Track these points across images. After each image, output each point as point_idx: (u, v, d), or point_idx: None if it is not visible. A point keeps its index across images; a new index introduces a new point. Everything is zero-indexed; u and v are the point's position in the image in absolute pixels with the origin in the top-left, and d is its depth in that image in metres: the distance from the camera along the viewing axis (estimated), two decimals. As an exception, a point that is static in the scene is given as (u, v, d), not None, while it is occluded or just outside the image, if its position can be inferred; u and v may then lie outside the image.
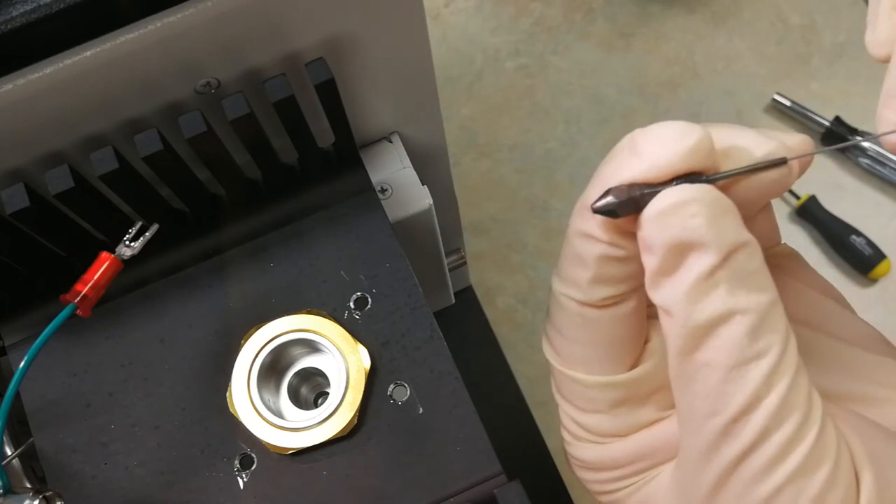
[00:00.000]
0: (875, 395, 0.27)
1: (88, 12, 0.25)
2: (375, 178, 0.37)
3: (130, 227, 0.30)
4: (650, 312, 0.28)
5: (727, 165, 0.24)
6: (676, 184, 0.22)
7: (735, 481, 0.23)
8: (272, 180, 0.35)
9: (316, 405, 0.33)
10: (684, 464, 0.25)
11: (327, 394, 0.32)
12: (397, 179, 0.37)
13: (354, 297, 0.33)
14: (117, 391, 0.32)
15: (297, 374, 0.32)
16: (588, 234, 0.24)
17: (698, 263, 0.22)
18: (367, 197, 0.35)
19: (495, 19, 0.80)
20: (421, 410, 0.31)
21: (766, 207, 0.30)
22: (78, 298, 0.28)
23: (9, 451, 0.33)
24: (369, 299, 0.32)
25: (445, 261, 0.47)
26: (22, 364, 0.28)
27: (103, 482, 0.31)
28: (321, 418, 0.30)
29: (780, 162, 0.24)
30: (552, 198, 0.73)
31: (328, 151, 0.36)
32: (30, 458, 0.34)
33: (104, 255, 0.29)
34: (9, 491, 0.28)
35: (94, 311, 0.29)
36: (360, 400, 0.30)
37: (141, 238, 0.30)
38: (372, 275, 0.33)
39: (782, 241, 0.31)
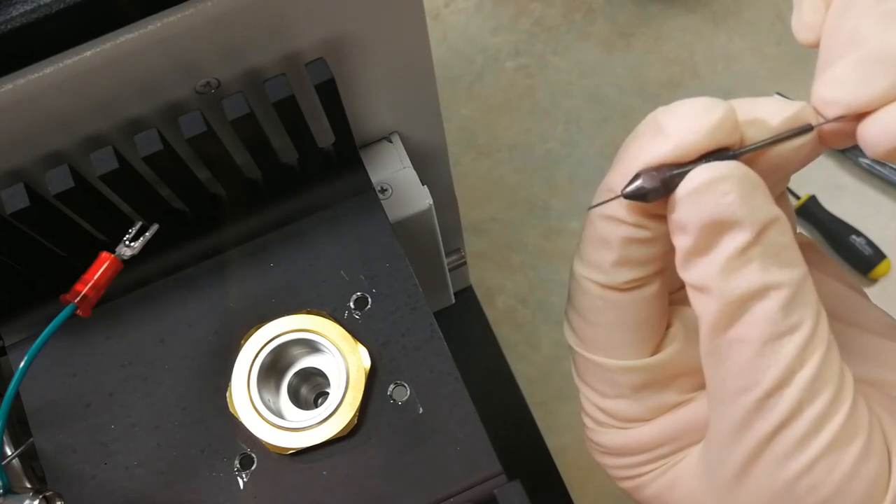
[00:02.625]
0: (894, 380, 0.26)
1: (88, 12, 0.25)
2: (375, 178, 0.37)
3: (130, 227, 0.30)
4: (673, 299, 0.28)
5: (752, 137, 0.23)
6: (704, 161, 0.22)
7: (767, 457, 0.22)
8: (272, 180, 0.35)
9: (316, 405, 0.33)
10: (713, 443, 0.24)
11: (327, 394, 0.32)
12: (397, 179, 0.37)
13: (354, 297, 0.33)
14: (117, 391, 0.32)
15: (297, 374, 0.32)
16: (613, 216, 0.24)
17: (733, 241, 0.22)
18: (367, 197, 0.35)
19: (495, 19, 0.80)
20: (421, 410, 0.31)
21: (783, 196, 0.29)
22: (78, 298, 0.28)
23: (9, 451, 0.33)
24: (369, 299, 0.32)
25: (445, 261, 0.47)
26: (22, 364, 0.28)
27: (103, 482, 0.31)
28: (321, 418, 0.30)
29: (807, 129, 0.23)
30: (552, 198, 0.73)
31: (328, 151, 0.36)
32: (30, 458, 0.34)
33: (104, 255, 0.29)
34: (9, 491, 0.28)
35: (94, 311, 0.29)
36: (360, 400, 0.30)
37: (141, 238, 0.30)
38: (372, 275, 0.33)
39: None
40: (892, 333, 0.29)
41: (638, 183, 0.22)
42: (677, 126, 0.22)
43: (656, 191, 0.22)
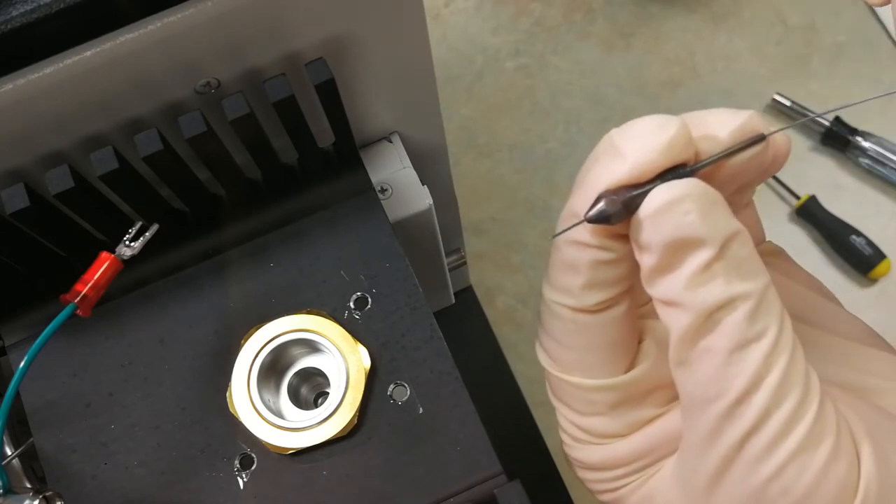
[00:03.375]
0: (866, 384, 0.27)
1: (88, 12, 0.25)
2: (375, 178, 0.37)
3: (130, 227, 0.30)
4: (642, 313, 0.28)
5: (707, 150, 0.24)
6: (662, 180, 0.22)
7: (739, 463, 0.23)
8: (272, 180, 0.35)
9: (316, 405, 0.33)
10: (686, 453, 0.25)
11: (327, 394, 0.32)
12: (397, 179, 0.37)
13: (354, 297, 0.33)
14: (117, 391, 0.32)
15: (297, 374, 0.32)
16: (578, 240, 0.24)
17: (696, 258, 0.22)
18: (367, 197, 0.35)
19: (495, 19, 0.80)
20: (421, 410, 0.31)
21: (750, 205, 0.30)
22: (78, 298, 0.28)
23: (9, 451, 0.33)
24: (369, 299, 0.32)
25: (445, 261, 0.47)
26: (22, 364, 0.28)
27: (103, 482, 0.31)
28: (321, 418, 0.30)
29: (759, 139, 0.24)
30: (552, 198, 0.73)
31: (328, 151, 0.36)
32: (30, 458, 0.34)
33: (104, 255, 0.29)
34: (9, 491, 0.28)
35: (94, 311, 0.29)
36: (360, 400, 0.30)
37: (141, 238, 0.30)
38: (372, 275, 0.33)
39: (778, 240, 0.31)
40: (864, 338, 0.29)
41: (600, 206, 0.23)
42: (632, 146, 0.23)
43: (618, 213, 0.23)
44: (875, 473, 0.23)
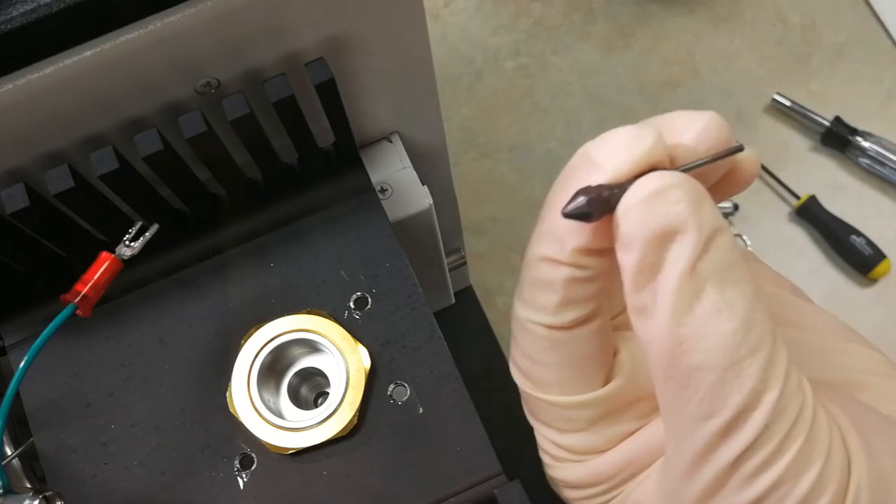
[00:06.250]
0: (847, 380, 0.27)
1: (88, 12, 0.25)
2: (375, 178, 0.37)
3: (130, 227, 0.30)
4: (616, 324, 0.28)
5: (680, 156, 0.23)
6: None
7: (734, 481, 0.22)
8: (272, 180, 0.35)
9: (316, 405, 0.33)
10: (672, 468, 0.24)
11: (327, 394, 0.32)
12: (397, 179, 0.37)
13: (354, 297, 0.33)
14: (117, 391, 0.32)
15: (297, 374, 0.32)
16: (553, 258, 0.23)
17: (681, 254, 0.21)
18: (367, 197, 0.35)
19: (495, 19, 0.80)
20: (421, 410, 0.31)
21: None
22: (78, 298, 0.28)
23: (9, 451, 0.33)
24: (369, 299, 0.32)
25: (445, 261, 0.47)
26: (22, 364, 0.28)
27: (103, 482, 0.31)
28: (321, 418, 0.30)
29: (738, 149, 0.24)
30: (552, 198, 0.73)
31: (328, 151, 0.36)
32: (30, 458, 0.34)
33: (104, 255, 0.29)
34: (9, 491, 0.28)
35: (94, 311, 0.29)
36: (360, 400, 0.30)
37: (141, 238, 0.30)
38: (372, 275, 0.33)
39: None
40: (838, 333, 0.29)
41: (579, 200, 0.22)
42: (610, 157, 0.22)
43: (599, 207, 0.22)
44: (865, 472, 0.22)
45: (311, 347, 0.32)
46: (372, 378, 0.31)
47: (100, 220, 0.31)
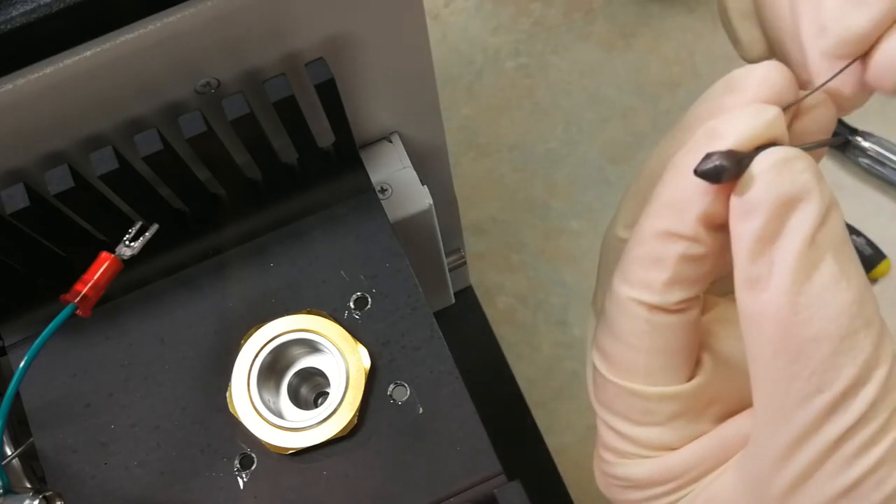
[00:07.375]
0: None
1: (88, 12, 0.25)
2: (375, 178, 0.37)
3: (130, 227, 0.30)
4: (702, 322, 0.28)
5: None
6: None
7: (835, 460, 0.22)
8: (272, 180, 0.35)
9: (316, 405, 0.33)
10: (762, 458, 0.24)
11: (327, 394, 0.32)
12: (397, 179, 0.37)
13: (354, 297, 0.33)
14: (117, 391, 0.32)
15: (297, 374, 0.32)
16: (669, 230, 0.24)
17: (805, 221, 0.21)
18: (367, 197, 0.35)
19: (495, 19, 0.80)
20: (421, 410, 0.31)
21: None
22: (78, 298, 0.28)
23: (9, 451, 0.33)
24: (369, 299, 0.32)
25: (445, 261, 0.47)
26: (22, 364, 0.28)
27: (103, 482, 0.31)
28: (321, 418, 0.30)
29: (842, 140, 0.25)
30: (552, 198, 0.73)
31: (328, 151, 0.36)
32: (30, 458, 0.34)
33: (104, 255, 0.29)
34: (9, 491, 0.28)
35: (94, 311, 0.29)
36: (360, 400, 0.30)
37: (141, 238, 0.30)
38: (372, 275, 0.33)
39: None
40: None
41: (714, 159, 0.22)
42: (733, 127, 0.22)
43: (730, 170, 0.22)
44: None
45: (311, 347, 0.32)
46: (372, 378, 0.31)
47: (100, 220, 0.31)
